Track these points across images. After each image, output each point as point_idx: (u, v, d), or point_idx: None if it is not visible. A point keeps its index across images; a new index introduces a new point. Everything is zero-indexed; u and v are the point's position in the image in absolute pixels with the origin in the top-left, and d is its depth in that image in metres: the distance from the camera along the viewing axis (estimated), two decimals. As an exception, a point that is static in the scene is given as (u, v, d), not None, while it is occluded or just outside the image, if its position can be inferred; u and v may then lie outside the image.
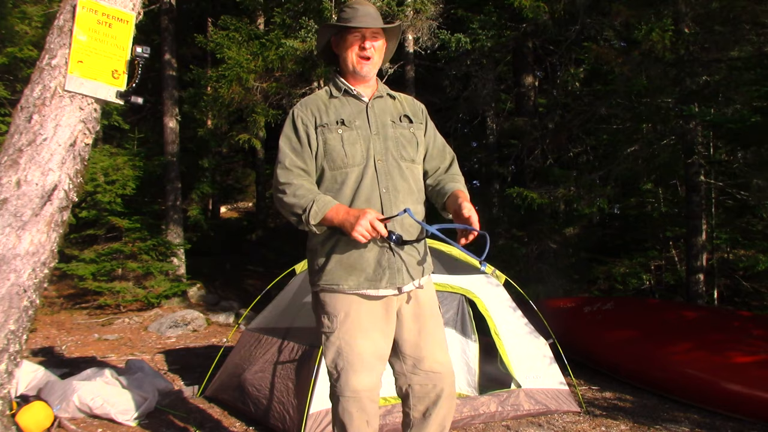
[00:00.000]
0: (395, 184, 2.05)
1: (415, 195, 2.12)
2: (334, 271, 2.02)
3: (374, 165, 2.04)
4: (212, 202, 15.61)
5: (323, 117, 2.07)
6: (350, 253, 2.00)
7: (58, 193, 2.75)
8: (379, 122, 2.10)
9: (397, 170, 2.07)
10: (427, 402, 2.08)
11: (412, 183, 2.11)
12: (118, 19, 2.85)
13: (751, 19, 6.16)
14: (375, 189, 2.02)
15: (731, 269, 7.86)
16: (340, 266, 2.01)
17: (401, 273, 2.02)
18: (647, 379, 4.49)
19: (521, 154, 8.54)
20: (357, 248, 1.99)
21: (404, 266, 2.03)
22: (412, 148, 2.13)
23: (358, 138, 2.05)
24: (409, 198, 2.08)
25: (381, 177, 2.04)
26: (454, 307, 3.98)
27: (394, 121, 2.13)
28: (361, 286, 2.00)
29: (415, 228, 2.08)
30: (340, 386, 1.99)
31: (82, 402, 3.56)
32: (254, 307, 4.75)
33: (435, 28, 7.22)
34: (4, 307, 2.63)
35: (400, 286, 2.03)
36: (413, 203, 2.09)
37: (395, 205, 2.03)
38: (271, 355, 3.76)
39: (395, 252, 2.02)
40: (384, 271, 2.00)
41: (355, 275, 2.00)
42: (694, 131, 6.62)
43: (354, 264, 2.00)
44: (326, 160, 2.04)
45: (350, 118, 2.07)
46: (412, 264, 2.06)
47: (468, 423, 3.58)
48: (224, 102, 7.76)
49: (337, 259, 2.01)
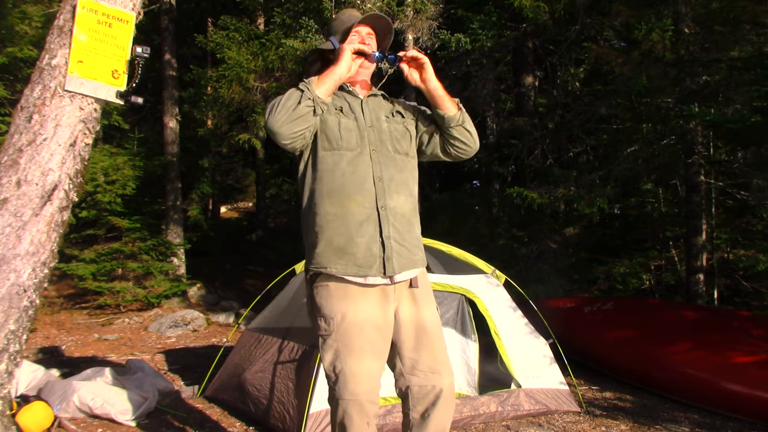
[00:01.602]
0: (390, 174, 2.07)
1: (409, 187, 2.13)
2: (323, 253, 2.02)
3: (369, 154, 2.06)
4: (212, 202, 15.61)
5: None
6: (341, 237, 2.01)
7: (58, 193, 2.75)
8: (374, 116, 2.14)
9: (392, 161, 2.09)
10: (426, 403, 2.07)
11: (406, 174, 2.13)
12: (118, 19, 2.85)
13: (751, 19, 6.16)
14: (369, 176, 2.04)
15: (731, 269, 7.86)
16: (330, 249, 2.01)
17: (391, 262, 2.01)
18: (647, 379, 4.49)
19: (521, 154, 8.53)
20: (348, 233, 2.00)
21: (395, 255, 2.03)
22: (405, 142, 2.16)
23: (354, 127, 2.08)
24: (402, 189, 2.09)
25: (375, 166, 2.06)
26: (454, 307, 3.98)
27: (388, 117, 2.17)
28: (349, 270, 2.00)
29: (405, 221, 2.08)
30: (339, 389, 1.98)
31: (82, 402, 3.55)
32: (254, 307, 4.75)
33: (435, 28, 7.21)
34: (4, 307, 2.63)
35: (391, 275, 2.02)
36: (406, 195, 2.11)
37: (388, 195, 2.04)
38: (271, 355, 3.76)
39: (387, 242, 2.02)
40: (375, 258, 2.00)
41: (345, 259, 2.00)
42: (694, 131, 6.62)
43: (344, 248, 2.00)
44: (320, 139, 2.06)
45: (347, 109, 2.11)
46: (403, 254, 2.06)
47: (468, 423, 3.58)
48: (224, 102, 7.77)
49: (327, 241, 2.02)
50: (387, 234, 2.02)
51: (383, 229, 2.02)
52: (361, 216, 2.01)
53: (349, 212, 2.01)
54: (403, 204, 2.09)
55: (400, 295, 2.09)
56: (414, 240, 2.12)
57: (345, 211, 2.01)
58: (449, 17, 7.82)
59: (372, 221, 2.02)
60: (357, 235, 2.00)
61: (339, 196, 2.01)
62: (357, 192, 2.01)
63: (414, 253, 2.10)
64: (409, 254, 2.08)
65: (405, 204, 2.09)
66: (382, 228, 2.02)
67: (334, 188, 2.02)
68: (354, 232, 2.00)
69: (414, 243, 2.11)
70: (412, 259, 2.09)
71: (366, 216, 2.01)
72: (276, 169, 16.83)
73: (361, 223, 2.01)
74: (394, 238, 2.03)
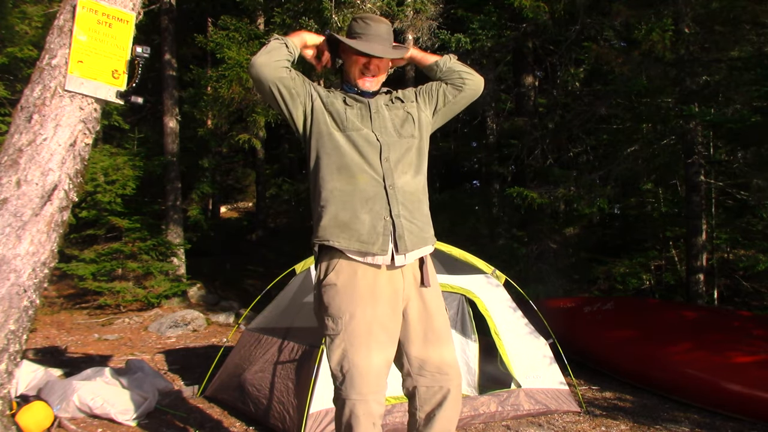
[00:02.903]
0: (397, 155, 2.09)
1: (416, 166, 2.15)
2: (327, 227, 2.04)
3: (375, 136, 2.08)
4: (212, 202, 15.62)
5: (330, 95, 2.15)
6: (346, 211, 2.02)
7: (58, 193, 2.75)
8: (378, 104, 2.17)
9: (397, 143, 2.11)
10: (433, 403, 2.07)
11: (413, 155, 2.14)
12: (118, 19, 2.85)
13: (751, 19, 6.15)
14: (376, 156, 2.06)
15: (731, 269, 7.87)
16: (334, 223, 2.03)
17: (403, 240, 2.02)
18: (647, 379, 4.49)
19: (521, 154, 8.53)
20: (353, 208, 2.02)
21: (407, 233, 2.04)
22: (409, 125, 2.17)
23: (359, 113, 2.12)
24: (409, 169, 2.11)
25: (383, 147, 2.07)
26: (454, 307, 3.98)
27: (387, 104, 2.19)
28: (351, 245, 2.01)
29: (415, 199, 2.11)
30: (346, 389, 1.97)
31: (82, 402, 3.55)
32: (254, 307, 4.75)
33: (435, 28, 7.21)
34: (4, 307, 2.63)
35: (404, 252, 2.03)
36: (414, 173, 2.13)
37: (396, 174, 2.06)
38: (271, 355, 3.75)
39: (393, 220, 2.03)
40: (378, 236, 2.01)
41: (348, 233, 2.01)
42: (694, 131, 6.62)
43: (348, 223, 2.02)
44: (328, 119, 2.09)
45: (351, 100, 2.15)
46: (414, 231, 2.07)
47: (468, 423, 3.58)
48: (224, 102, 7.76)
49: (332, 215, 2.04)
50: (396, 213, 2.03)
51: (392, 207, 2.03)
52: (368, 193, 2.03)
53: (357, 189, 2.03)
54: (411, 181, 2.11)
55: (409, 294, 2.09)
56: (423, 217, 2.14)
57: (353, 187, 2.03)
58: (449, 17, 7.82)
59: (380, 199, 2.03)
60: (362, 212, 2.01)
61: (347, 172, 2.04)
62: (364, 170, 2.04)
63: (425, 231, 2.12)
64: (420, 232, 2.09)
65: (413, 181, 2.12)
66: (391, 207, 2.03)
67: (343, 164, 2.05)
68: (359, 207, 2.02)
69: (424, 220, 2.13)
70: (423, 237, 2.11)
71: (374, 193, 2.03)
72: (276, 169, 16.84)
73: (368, 200, 2.02)
74: (403, 216, 2.05)
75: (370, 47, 2.11)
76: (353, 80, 2.17)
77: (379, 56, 2.12)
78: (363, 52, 2.11)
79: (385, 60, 2.17)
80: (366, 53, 2.11)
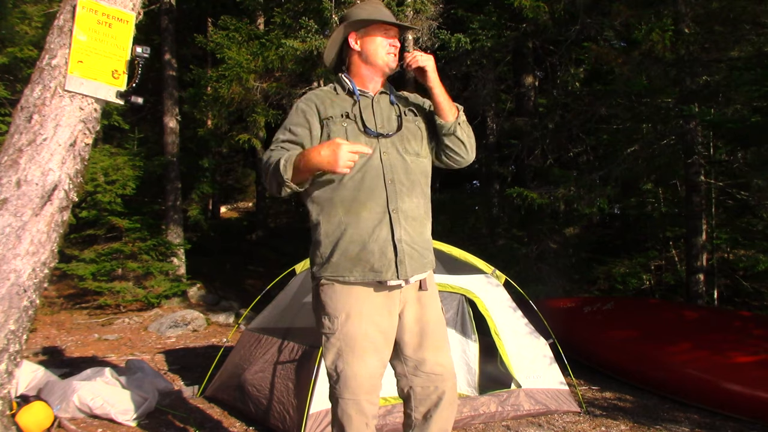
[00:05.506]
0: (400, 177, 2.04)
1: (421, 188, 2.11)
2: (339, 263, 2.00)
3: (380, 157, 2.03)
4: (212, 202, 15.62)
5: (328, 110, 2.06)
6: (355, 245, 1.98)
7: (58, 193, 2.75)
8: (384, 116, 2.10)
9: (402, 163, 2.06)
10: (429, 404, 2.08)
11: (417, 176, 2.10)
12: (118, 19, 2.85)
13: (751, 19, 6.15)
14: (380, 180, 2.01)
15: (731, 269, 7.86)
16: (345, 258, 1.99)
17: (404, 265, 2.00)
18: (647, 379, 4.49)
19: (521, 154, 8.53)
20: (362, 240, 1.98)
21: (407, 258, 2.02)
22: (416, 142, 2.12)
23: (362, 132, 2.05)
24: (413, 191, 2.07)
25: (386, 169, 2.02)
26: (454, 307, 3.98)
27: (399, 115, 2.12)
28: (367, 277, 1.99)
29: (417, 224, 2.07)
30: (340, 388, 1.98)
31: (82, 402, 3.55)
32: (254, 307, 4.75)
33: (435, 28, 7.21)
34: (4, 307, 2.63)
35: (406, 278, 2.01)
36: (417, 196, 2.08)
37: (400, 198, 2.02)
38: (271, 355, 3.75)
39: (398, 245, 2.00)
40: (389, 263, 1.99)
41: (360, 266, 1.98)
42: (694, 131, 6.62)
43: (359, 255, 1.98)
44: None
45: (355, 112, 2.07)
46: (414, 257, 2.04)
47: (468, 423, 3.58)
48: (224, 102, 7.76)
49: (342, 251, 1.99)
50: (399, 237, 2.00)
51: (395, 231, 2.00)
52: (373, 221, 1.99)
53: (361, 219, 1.98)
54: (416, 207, 2.07)
55: (406, 297, 2.08)
56: (424, 243, 2.10)
57: (357, 218, 1.99)
58: (449, 17, 7.82)
59: (384, 224, 2.00)
60: (370, 242, 1.98)
61: (351, 204, 1.99)
62: (368, 199, 1.99)
63: (425, 256, 2.09)
64: (420, 257, 2.07)
65: (418, 207, 2.07)
66: (394, 231, 2.00)
67: (346, 197, 1.99)
68: (367, 238, 1.98)
69: (424, 246, 2.10)
70: (423, 262, 2.08)
71: (378, 220, 1.99)
72: (276, 169, 16.80)
73: (374, 229, 1.99)
74: (405, 241, 2.02)
75: (390, 18, 2.10)
76: (382, 61, 2.10)
77: (406, 25, 2.20)
78: (390, 21, 2.08)
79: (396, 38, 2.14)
80: (395, 23, 2.09)
